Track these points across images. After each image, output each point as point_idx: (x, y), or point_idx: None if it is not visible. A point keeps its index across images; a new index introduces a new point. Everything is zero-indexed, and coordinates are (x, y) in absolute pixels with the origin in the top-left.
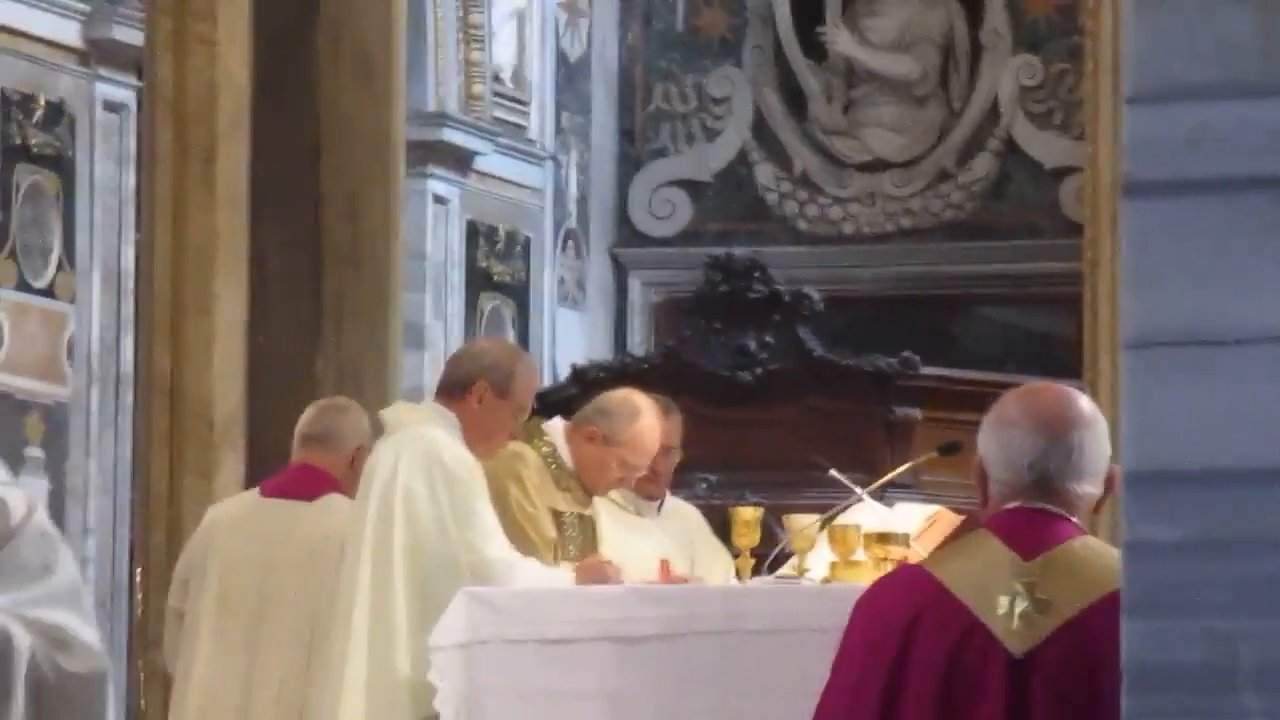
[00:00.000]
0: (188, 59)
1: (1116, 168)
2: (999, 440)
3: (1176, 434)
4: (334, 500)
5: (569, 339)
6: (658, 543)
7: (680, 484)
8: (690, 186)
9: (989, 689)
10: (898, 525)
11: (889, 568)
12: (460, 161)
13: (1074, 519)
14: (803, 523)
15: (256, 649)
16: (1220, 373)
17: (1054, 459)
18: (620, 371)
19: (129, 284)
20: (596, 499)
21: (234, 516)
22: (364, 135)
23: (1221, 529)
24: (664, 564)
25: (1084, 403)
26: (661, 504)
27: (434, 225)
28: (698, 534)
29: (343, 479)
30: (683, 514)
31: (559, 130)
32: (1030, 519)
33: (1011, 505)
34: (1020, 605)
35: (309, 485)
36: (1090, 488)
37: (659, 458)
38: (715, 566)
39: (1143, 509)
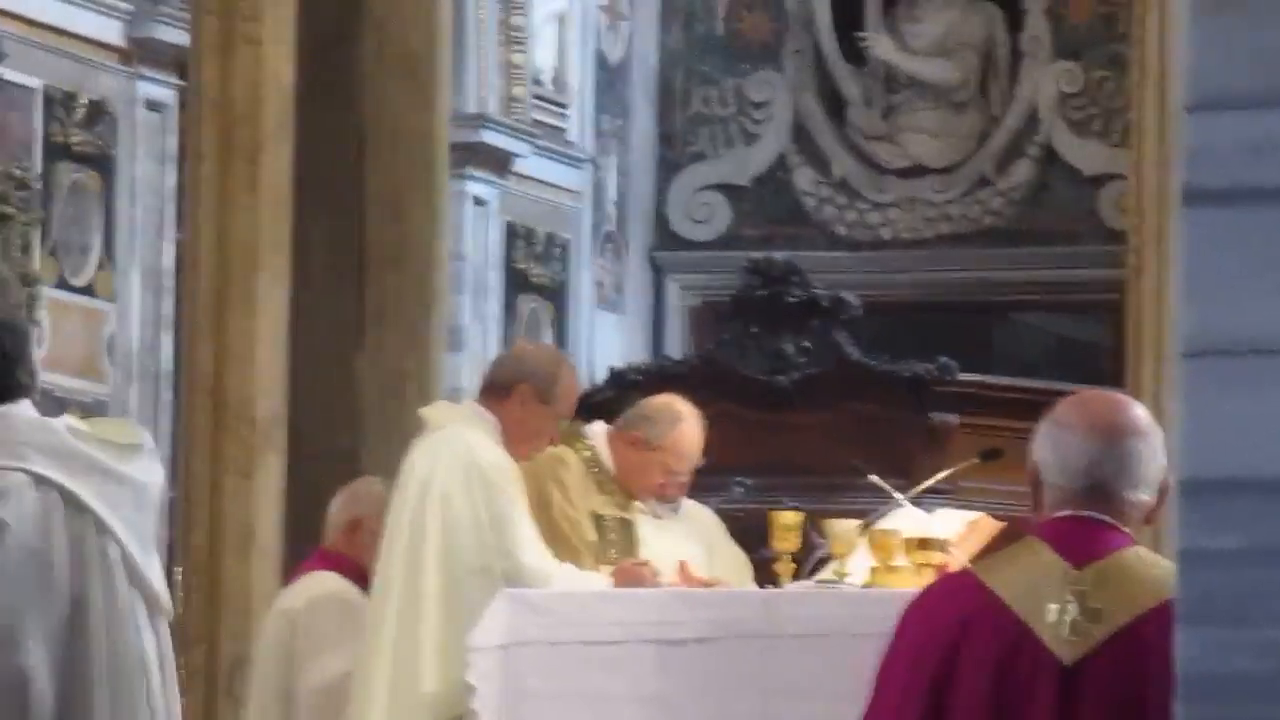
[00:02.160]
0: (233, 59)
1: (1161, 175)
2: (1055, 445)
3: (1232, 442)
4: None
5: (606, 342)
6: (675, 544)
7: (716, 487)
8: (729, 190)
9: (1039, 697)
10: (938, 531)
11: (929, 573)
12: (499, 163)
13: (1125, 528)
14: (842, 527)
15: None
16: (1277, 383)
17: (1110, 465)
18: (657, 374)
19: (168, 283)
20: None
21: None
22: (408, 137)
23: (1277, 539)
24: (682, 565)
25: (1140, 411)
26: (677, 506)
27: (473, 227)
28: (714, 535)
29: (335, 546)
30: (698, 516)
31: (598, 133)
32: (1081, 527)
33: (1062, 513)
34: (1070, 614)
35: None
36: (1145, 496)
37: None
38: (732, 567)
39: (1198, 518)
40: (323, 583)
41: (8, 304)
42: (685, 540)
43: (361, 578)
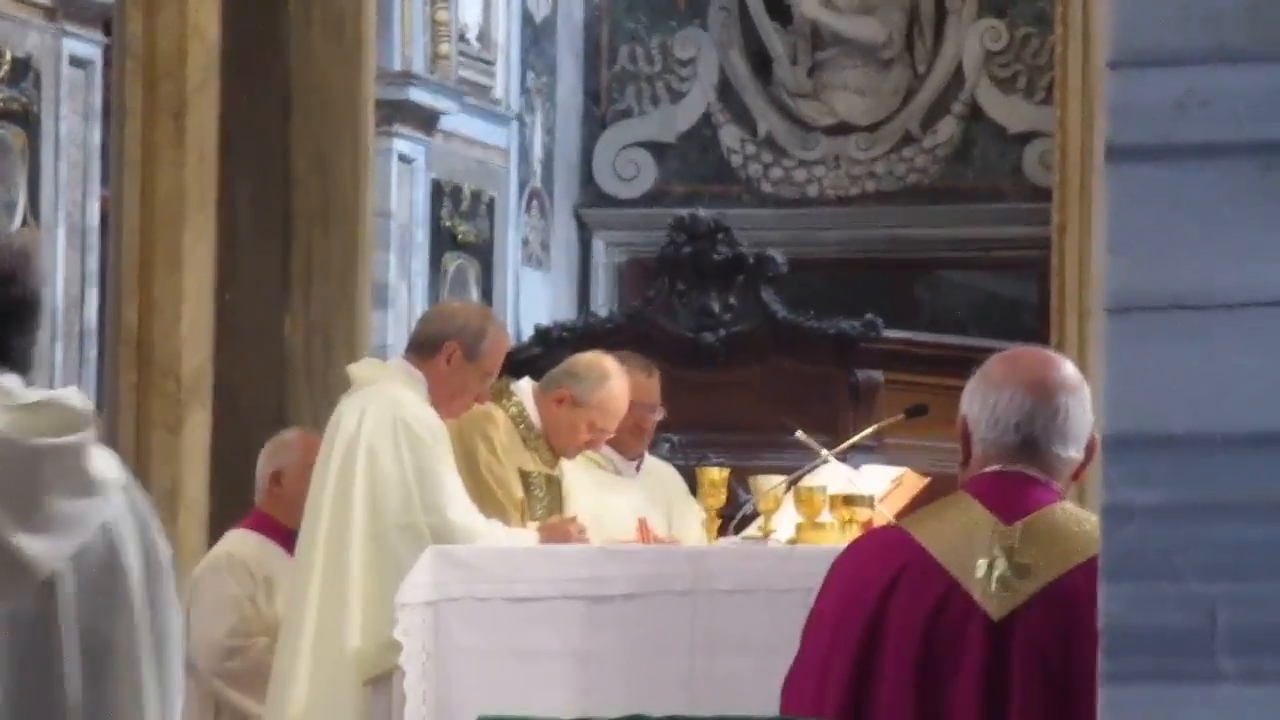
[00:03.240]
0: (158, 16)
1: (1085, 133)
2: (985, 401)
3: (1157, 398)
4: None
5: (533, 299)
6: (636, 502)
7: None
8: (655, 148)
9: (968, 651)
10: (863, 487)
11: (855, 530)
12: (426, 121)
13: (1055, 484)
14: (769, 484)
15: None
16: (1202, 338)
17: (1040, 421)
18: (584, 332)
19: (94, 240)
20: (576, 458)
21: None
22: (334, 94)
23: (1201, 493)
24: (642, 523)
25: (1070, 368)
26: (640, 463)
27: (399, 184)
28: (675, 493)
29: (262, 504)
30: (661, 473)
31: (524, 90)
32: (1011, 483)
33: (993, 469)
34: (999, 569)
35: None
36: (1074, 452)
37: (642, 416)
38: (692, 525)
39: (1122, 472)
40: (227, 542)
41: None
42: (640, 498)
43: (285, 534)
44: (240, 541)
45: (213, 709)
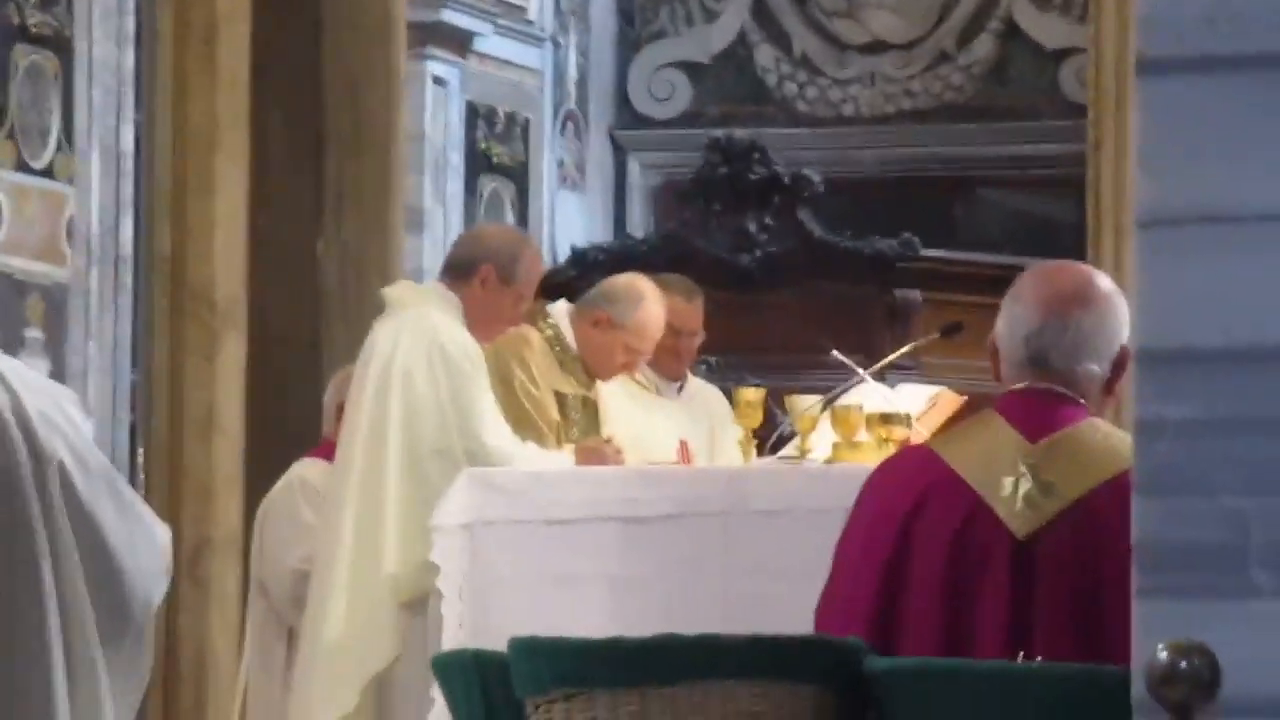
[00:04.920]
0: None
1: (1120, 48)
2: (1007, 316)
3: (1190, 312)
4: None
5: (568, 221)
6: (677, 423)
7: None
8: (689, 68)
9: (993, 569)
10: (900, 406)
11: (891, 449)
12: (459, 43)
13: (1082, 401)
14: (805, 404)
15: None
16: (1234, 251)
17: (1048, 336)
18: (620, 254)
19: (128, 165)
20: (617, 379)
21: None
22: (366, 17)
23: (1234, 407)
24: (683, 444)
25: (1094, 282)
26: (683, 386)
27: (433, 107)
28: (718, 415)
29: (329, 433)
30: (705, 395)
31: (558, 12)
32: (1039, 401)
33: (1020, 386)
34: (1024, 487)
35: None
36: (1091, 366)
37: (683, 339)
38: (734, 447)
39: (1155, 388)
40: (299, 469)
41: None
42: (682, 419)
43: None
44: (310, 468)
45: (286, 635)
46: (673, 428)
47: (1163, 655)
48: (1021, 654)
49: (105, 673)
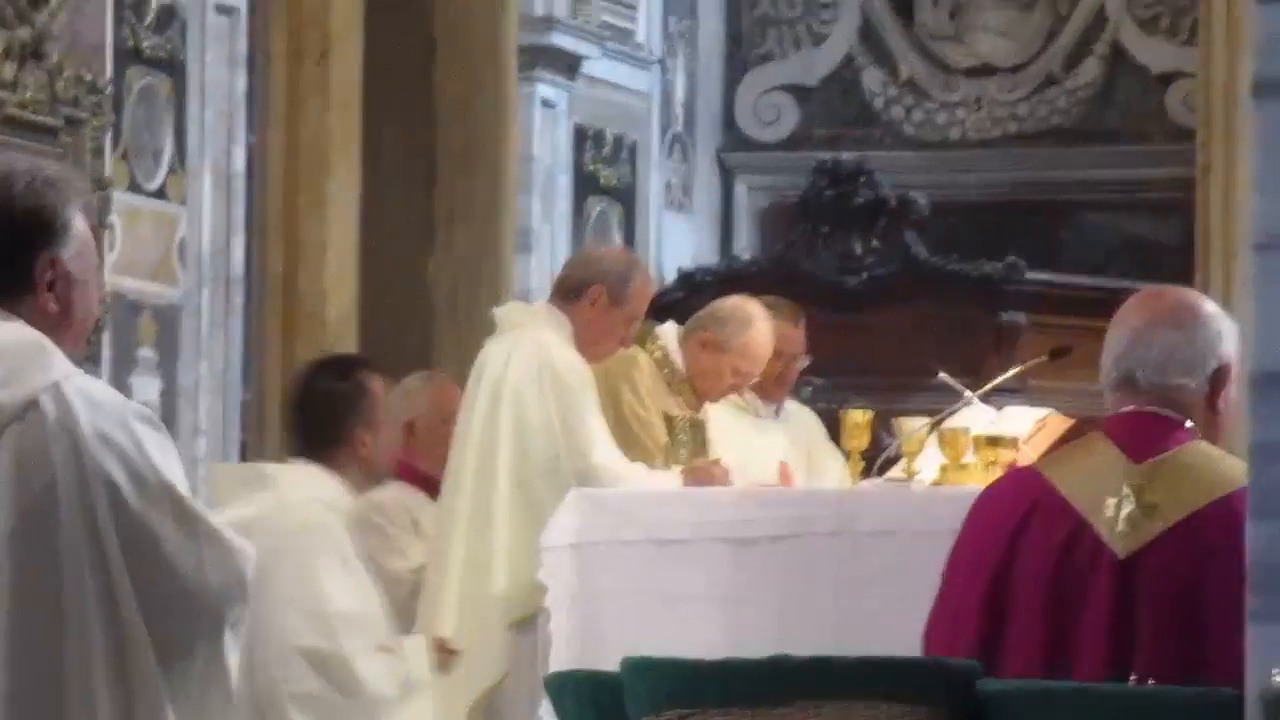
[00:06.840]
0: None
1: (1229, 71)
2: (1106, 341)
3: None
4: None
5: (675, 243)
6: (778, 445)
7: None
8: (797, 91)
9: (1095, 589)
10: (1007, 428)
11: (998, 471)
12: (568, 66)
13: (1189, 423)
14: (912, 426)
15: None
16: None
17: (1136, 354)
18: (726, 276)
19: (239, 186)
20: (721, 401)
21: None
22: (477, 39)
23: None
24: (783, 467)
25: (1192, 303)
26: (780, 408)
27: (541, 129)
28: (814, 437)
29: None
30: (800, 417)
31: (666, 34)
32: (1144, 423)
33: (1127, 409)
34: (1127, 508)
35: None
36: (1183, 381)
37: (787, 365)
38: (831, 469)
39: (1269, 410)
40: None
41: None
42: (782, 441)
43: (424, 479)
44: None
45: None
46: (773, 450)
47: (1277, 679)
48: (1134, 676)
49: (167, 690)
